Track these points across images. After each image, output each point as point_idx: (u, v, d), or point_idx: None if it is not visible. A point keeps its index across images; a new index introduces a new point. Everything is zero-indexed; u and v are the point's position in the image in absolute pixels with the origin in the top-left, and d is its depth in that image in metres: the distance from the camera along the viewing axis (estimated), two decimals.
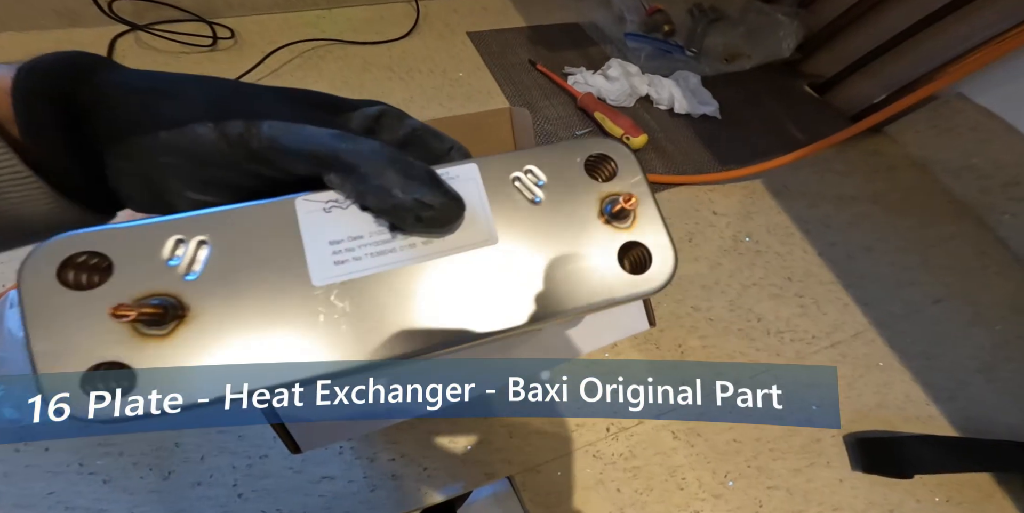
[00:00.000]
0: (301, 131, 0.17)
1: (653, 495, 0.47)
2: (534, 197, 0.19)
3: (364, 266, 0.17)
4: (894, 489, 0.49)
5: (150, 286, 0.16)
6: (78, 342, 0.16)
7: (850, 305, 0.60)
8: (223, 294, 0.17)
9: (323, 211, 0.18)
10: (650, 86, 0.72)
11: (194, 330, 0.16)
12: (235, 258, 0.17)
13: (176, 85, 0.18)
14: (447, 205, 0.17)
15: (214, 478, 0.41)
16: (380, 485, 0.43)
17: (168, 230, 0.17)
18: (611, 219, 0.19)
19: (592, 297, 0.19)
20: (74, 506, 0.38)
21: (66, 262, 0.16)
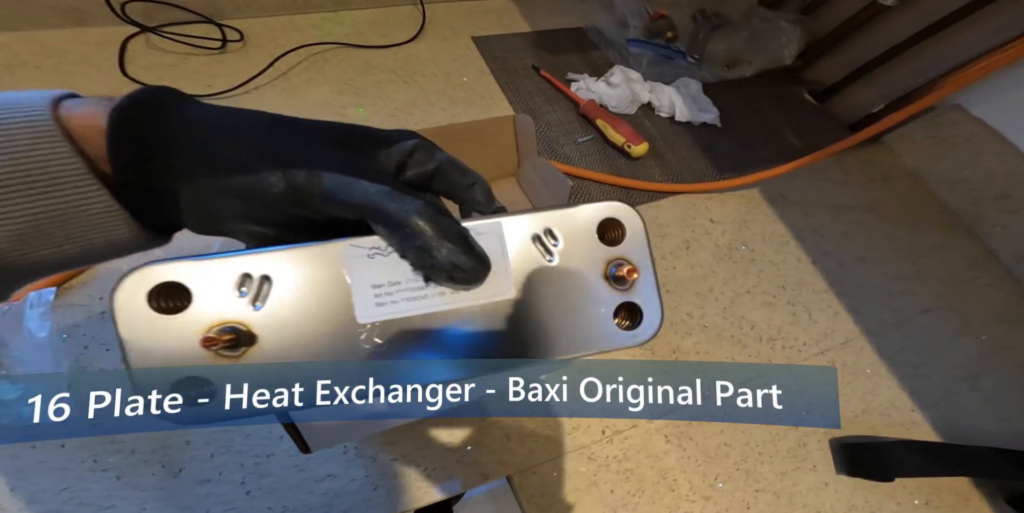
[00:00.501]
0: (356, 186, 0.18)
1: (645, 496, 0.48)
2: (550, 258, 0.22)
3: (401, 309, 0.20)
4: (875, 492, 0.51)
5: (225, 315, 0.19)
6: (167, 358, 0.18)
7: (841, 313, 0.61)
8: (283, 325, 0.19)
9: (367, 257, 0.20)
10: (651, 93, 0.72)
11: (261, 354, 0.19)
12: (293, 294, 0.19)
13: (240, 125, 0.19)
14: (476, 269, 0.20)
15: (223, 476, 0.42)
16: (381, 484, 0.45)
17: (236, 266, 0.19)
18: (613, 281, 0.22)
19: (589, 346, 0.22)
20: (86, 502, 0.39)
21: (153, 291, 0.18)
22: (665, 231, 0.64)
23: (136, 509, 0.40)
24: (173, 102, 0.19)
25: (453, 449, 0.47)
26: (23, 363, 0.39)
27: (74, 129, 0.17)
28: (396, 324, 0.20)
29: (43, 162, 0.16)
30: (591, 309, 0.22)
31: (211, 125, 0.19)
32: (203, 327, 0.18)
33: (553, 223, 0.22)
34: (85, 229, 0.18)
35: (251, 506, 0.42)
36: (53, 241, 0.18)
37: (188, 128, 0.18)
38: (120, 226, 0.18)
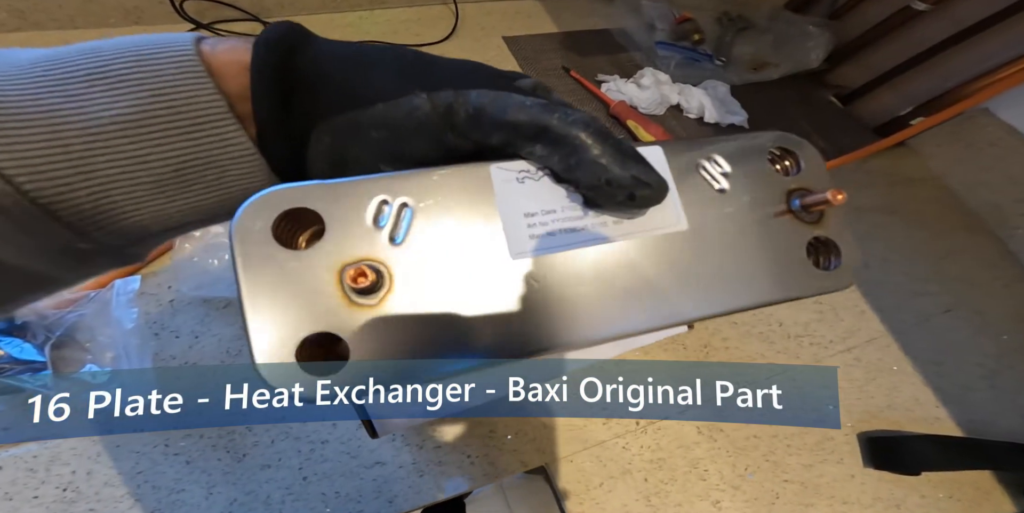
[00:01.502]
0: (509, 100, 0.16)
1: (676, 485, 0.49)
2: (720, 186, 0.18)
3: (557, 242, 0.17)
4: (899, 485, 0.52)
5: (363, 250, 0.15)
6: (293, 307, 0.15)
7: (866, 312, 0.62)
8: (425, 264, 0.16)
9: (517, 181, 0.17)
10: (680, 95, 0.73)
11: (400, 300, 0.15)
12: (436, 224, 0.16)
13: (378, 56, 0.18)
14: (661, 184, 0.16)
15: (282, 461, 0.44)
16: (427, 471, 0.46)
17: (374, 189, 0.16)
18: (800, 213, 0.18)
19: (778, 292, 0.18)
20: (159, 486, 0.41)
21: (282, 217, 0.15)
22: None
23: (204, 493, 0.41)
24: (304, 37, 0.18)
25: (494, 437, 0.48)
26: (108, 349, 0.40)
27: (216, 66, 0.16)
28: (552, 261, 0.16)
29: (189, 97, 0.15)
30: (780, 246, 0.18)
31: (351, 56, 0.17)
32: (337, 264, 0.15)
33: (717, 150, 0.18)
34: (220, 175, 0.16)
35: (307, 491, 0.43)
36: (193, 190, 0.16)
37: (329, 59, 0.17)
38: (255, 173, 0.17)
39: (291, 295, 0.15)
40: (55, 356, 0.40)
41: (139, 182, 0.15)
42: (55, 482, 0.40)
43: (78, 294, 0.41)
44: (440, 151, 0.17)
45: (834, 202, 0.17)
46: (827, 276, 0.19)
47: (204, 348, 0.45)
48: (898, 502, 0.51)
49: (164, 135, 0.15)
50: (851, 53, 0.78)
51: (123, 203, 0.15)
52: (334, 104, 0.17)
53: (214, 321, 0.47)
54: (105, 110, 0.14)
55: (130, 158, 0.15)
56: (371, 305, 0.15)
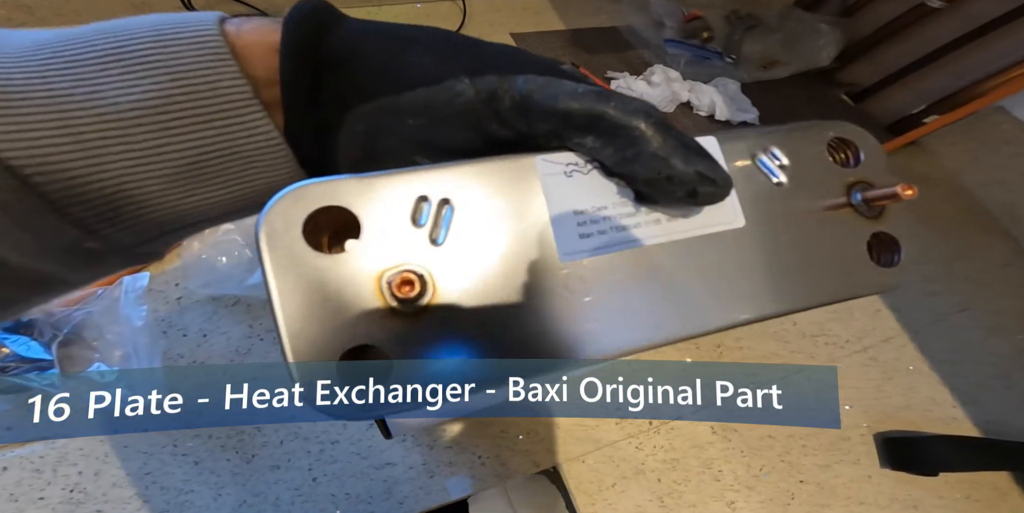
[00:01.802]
0: (560, 87, 0.14)
1: (690, 485, 0.48)
2: (779, 179, 0.17)
3: (609, 241, 0.15)
4: (916, 486, 0.51)
5: (403, 253, 0.14)
6: (330, 319, 0.13)
7: (882, 311, 0.61)
8: (471, 266, 0.14)
9: (564, 175, 0.15)
10: (691, 92, 0.72)
11: (444, 311, 0.14)
12: (479, 223, 0.15)
13: (416, 35, 0.16)
14: (726, 181, 0.15)
15: (291, 462, 0.43)
16: (437, 472, 0.45)
17: (412, 185, 0.14)
18: (860, 207, 0.17)
19: (840, 290, 0.17)
20: (167, 486, 0.40)
21: (312, 216, 0.13)
22: None
23: (213, 494, 0.40)
24: (339, 14, 0.16)
25: (506, 438, 0.47)
26: (116, 347, 0.39)
27: (241, 48, 0.14)
28: (605, 263, 0.15)
29: (211, 82, 0.14)
30: (840, 243, 0.17)
31: (387, 35, 0.16)
32: (376, 271, 0.13)
33: (772, 142, 0.17)
34: (244, 167, 0.15)
35: (317, 492, 0.42)
36: (214, 183, 0.15)
37: (364, 38, 0.16)
38: (281, 165, 0.16)
39: (328, 306, 0.13)
40: (62, 354, 0.39)
41: (155, 174, 0.14)
42: (62, 483, 0.39)
43: (86, 291, 0.40)
44: (480, 141, 0.16)
45: (903, 197, 0.16)
46: (887, 273, 0.17)
47: (213, 346, 0.45)
48: (915, 503, 0.50)
49: (184, 123, 0.14)
50: (863, 51, 0.77)
51: (138, 197, 0.14)
52: (370, 87, 0.15)
53: (223, 319, 0.46)
54: (121, 95, 0.13)
55: (147, 148, 0.14)
56: (413, 314, 0.14)
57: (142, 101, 0.13)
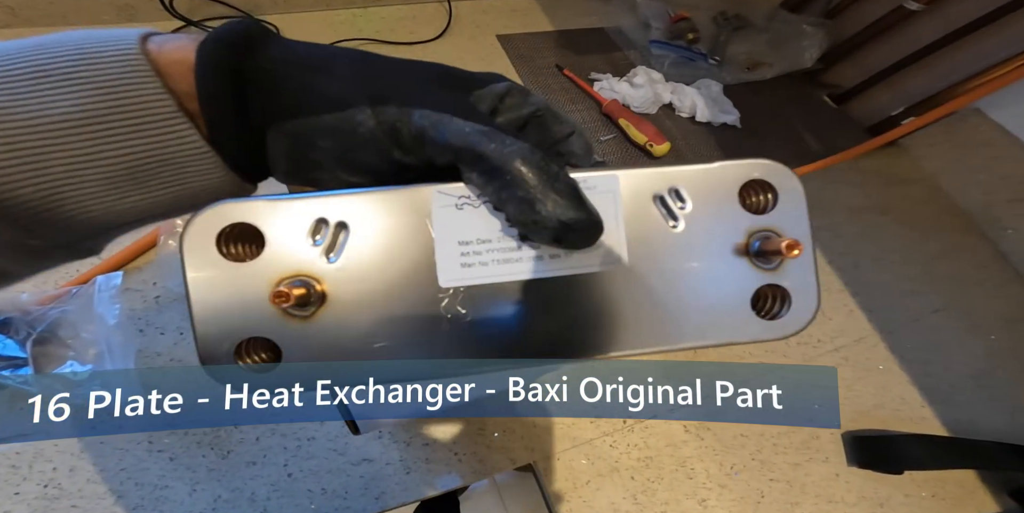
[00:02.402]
0: (450, 124, 0.15)
1: (664, 483, 0.49)
2: (674, 223, 0.17)
3: (489, 272, 0.16)
4: (884, 484, 0.51)
5: (298, 267, 0.16)
6: (233, 314, 0.16)
7: (855, 311, 0.61)
8: (359, 283, 0.16)
9: (455, 207, 0.16)
10: (673, 94, 0.72)
11: (332, 315, 0.16)
12: (371, 247, 0.16)
13: (331, 62, 0.17)
14: (589, 230, 0.16)
15: (267, 458, 0.43)
16: (414, 468, 0.45)
17: (313, 210, 0.16)
18: (755, 257, 0.17)
19: (712, 336, 0.17)
20: (142, 482, 0.40)
21: (224, 232, 0.16)
22: None
23: (188, 490, 0.41)
24: (262, 36, 0.17)
25: (482, 435, 0.48)
26: (92, 345, 0.39)
27: (163, 65, 0.15)
28: (482, 291, 0.16)
29: (136, 97, 0.15)
30: (723, 291, 0.17)
31: (302, 60, 0.17)
32: (274, 278, 0.16)
33: (681, 181, 0.17)
34: (177, 171, 0.16)
35: (293, 488, 0.43)
36: (147, 186, 0.16)
37: (280, 62, 0.16)
38: (212, 170, 0.17)
39: (232, 303, 0.16)
40: (37, 352, 0.39)
41: (91, 179, 0.15)
42: (37, 479, 0.39)
43: (60, 290, 0.40)
44: (389, 164, 0.17)
45: (787, 255, 0.16)
46: (767, 326, 0.17)
47: (190, 345, 0.44)
48: (882, 501, 0.50)
49: (115, 133, 0.15)
50: (845, 53, 0.77)
51: (74, 199, 0.15)
52: (287, 108, 0.16)
53: None
54: (53, 108, 0.14)
55: (82, 156, 0.15)
56: (304, 316, 0.16)
57: (73, 113, 0.14)
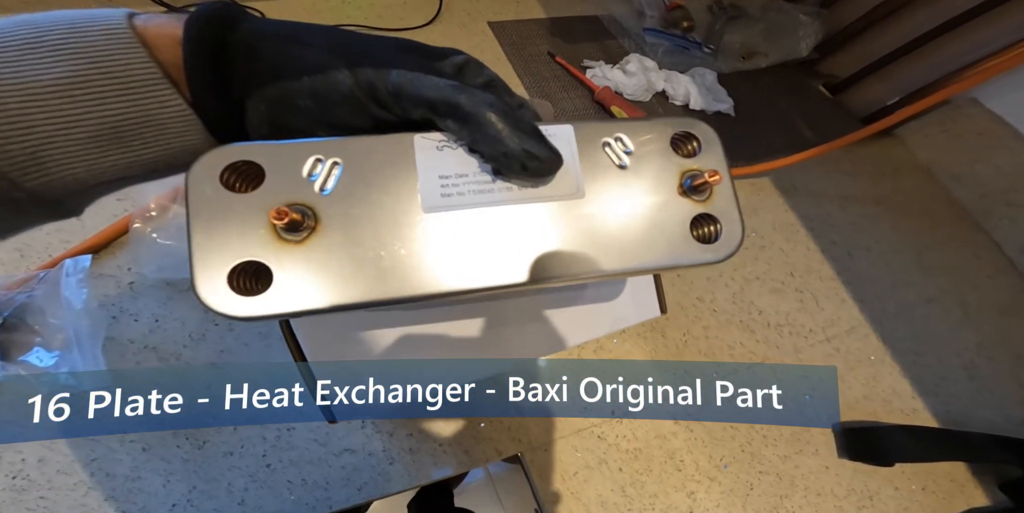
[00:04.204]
0: (424, 81, 0.17)
1: (652, 476, 0.47)
2: (621, 163, 0.20)
3: (466, 201, 0.18)
4: (874, 477, 0.49)
5: (294, 196, 0.17)
6: (229, 238, 0.17)
7: (847, 301, 0.59)
8: (349, 211, 0.18)
9: (436, 149, 0.19)
10: (666, 82, 0.69)
11: (323, 240, 0.17)
12: (361, 180, 0.18)
13: (308, 34, 0.19)
14: (551, 158, 0.18)
15: (245, 449, 0.41)
16: (398, 459, 0.43)
17: (311, 150, 0.18)
18: (689, 192, 0.20)
19: (660, 259, 0.19)
20: (114, 473, 0.38)
21: (228, 167, 0.17)
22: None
23: (162, 481, 0.39)
24: (241, 14, 0.19)
25: (468, 425, 0.46)
26: (60, 331, 0.37)
27: (149, 38, 0.17)
28: (460, 216, 0.18)
29: (123, 65, 0.16)
30: (666, 219, 0.19)
31: (280, 33, 0.18)
32: (271, 206, 0.17)
33: (625, 132, 0.20)
34: (159, 132, 0.17)
35: (272, 479, 0.41)
36: (129, 145, 0.17)
37: (259, 35, 0.18)
38: (192, 131, 0.18)
39: (230, 228, 0.17)
40: (5, 339, 0.37)
41: (75, 138, 0.16)
42: (5, 470, 0.37)
43: (29, 274, 0.38)
44: (368, 121, 0.19)
45: (711, 181, 0.19)
46: (706, 249, 0.20)
47: (166, 332, 0.42)
48: (872, 494, 0.49)
49: (100, 96, 0.16)
50: (841, 42, 0.75)
51: (59, 156, 0.16)
52: (266, 76, 0.18)
53: (177, 304, 0.43)
54: (43, 74, 0.15)
55: (67, 116, 0.16)
56: (296, 241, 0.17)
57: (61, 79, 0.15)
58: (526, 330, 0.33)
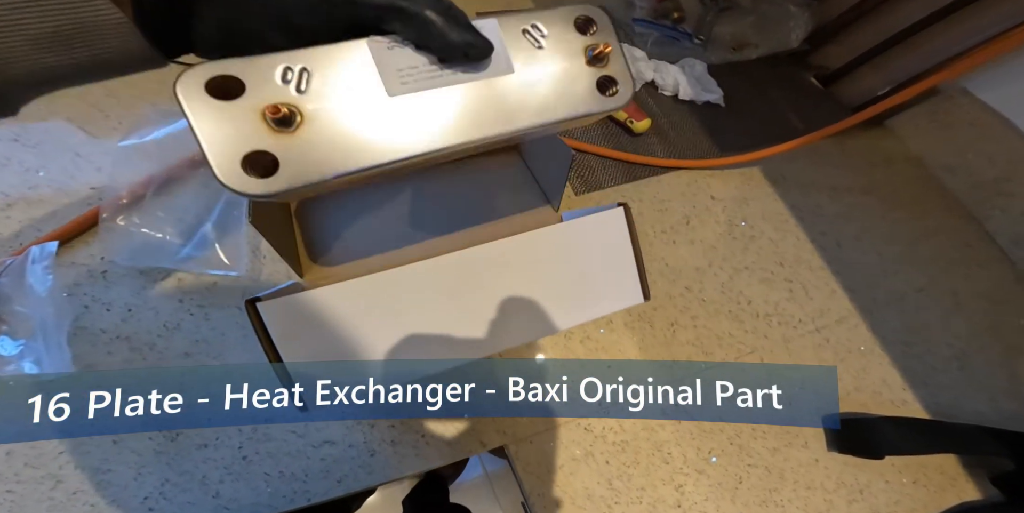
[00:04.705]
0: None
1: (639, 468, 0.46)
2: (539, 44, 0.24)
3: (422, 85, 0.22)
4: (864, 470, 0.48)
5: (276, 97, 0.20)
6: (232, 136, 0.19)
7: (837, 291, 0.58)
8: (326, 104, 0.21)
9: (387, 49, 0.22)
10: (655, 72, 0.68)
11: (311, 127, 0.21)
12: (330, 79, 0.21)
13: None
14: (485, 44, 0.22)
15: (220, 441, 0.40)
16: (379, 450, 0.42)
17: (278, 60, 0.20)
18: (592, 61, 0.25)
19: (579, 109, 0.25)
20: (83, 466, 0.37)
21: (209, 81, 0.19)
22: (666, 206, 0.60)
23: (133, 473, 0.37)
24: None
25: (451, 417, 0.44)
26: (27, 319, 0.35)
27: None
28: (419, 97, 0.22)
29: None
30: (578, 82, 0.25)
31: None
32: (259, 107, 0.20)
33: (538, 19, 0.24)
34: (96, 38, 0.18)
35: (248, 471, 0.39)
36: (67, 48, 0.18)
37: None
38: (128, 37, 0.19)
39: (231, 128, 0.19)
40: None
41: (16, 40, 0.17)
42: None
43: None
44: (322, 22, 0.20)
45: (606, 51, 0.24)
46: (609, 100, 0.25)
47: (139, 322, 0.41)
48: (862, 487, 0.48)
49: (41, 6, 0.17)
50: (832, 33, 0.74)
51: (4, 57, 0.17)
52: None
53: (151, 293, 0.42)
54: None
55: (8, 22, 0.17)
56: (289, 131, 0.20)
57: None
58: (506, 319, 0.31)
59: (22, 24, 0.17)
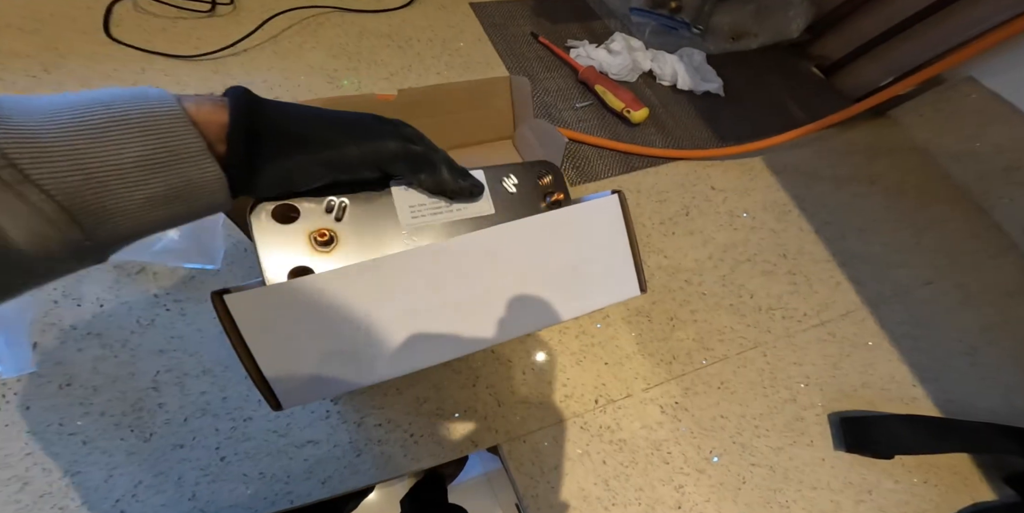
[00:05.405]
0: (410, 148, 0.26)
1: (638, 468, 0.43)
2: (512, 190, 0.32)
3: (427, 219, 0.29)
4: (872, 470, 0.46)
5: (321, 224, 0.27)
6: (284, 251, 0.26)
7: (842, 284, 0.55)
8: (357, 231, 0.28)
9: (404, 189, 0.29)
10: (653, 61, 0.65)
11: (343, 248, 0.27)
12: (362, 211, 0.28)
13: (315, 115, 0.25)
14: (480, 190, 0.31)
15: (196, 441, 0.38)
16: (365, 450, 0.40)
17: (326, 197, 0.27)
18: (550, 204, 0.33)
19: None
20: (50, 468, 0.35)
21: (274, 210, 0.26)
22: (664, 197, 0.57)
23: (104, 475, 0.35)
24: (260, 99, 0.23)
25: (441, 415, 0.42)
26: None
27: (200, 122, 0.21)
28: (424, 226, 0.29)
29: (184, 144, 0.20)
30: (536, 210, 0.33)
31: (295, 115, 0.24)
32: (308, 231, 0.26)
33: (511, 172, 0.33)
34: (195, 193, 0.21)
35: (227, 472, 0.37)
36: (174, 205, 0.21)
37: (283, 117, 0.23)
38: (220, 192, 0.22)
39: (283, 246, 0.26)
40: None
41: (137, 199, 0.19)
42: None
43: None
44: (362, 178, 0.26)
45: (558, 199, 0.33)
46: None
47: (111, 317, 0.39)
48: (870, 487, 0.45)
49: (161, 168, 0.19)
50: (832, 23, 0.71)
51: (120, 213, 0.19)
52: (287, 148, 0.23)
53: (124, 288, 0.40)
54: (124, 151, 0.19)
55: (135, 182, 0.19)
56: (327, 252, 0.27)
57: (138, 155, 0.19)
58: (494, 312, 0.29)
59: (147, 184, 0.19)
